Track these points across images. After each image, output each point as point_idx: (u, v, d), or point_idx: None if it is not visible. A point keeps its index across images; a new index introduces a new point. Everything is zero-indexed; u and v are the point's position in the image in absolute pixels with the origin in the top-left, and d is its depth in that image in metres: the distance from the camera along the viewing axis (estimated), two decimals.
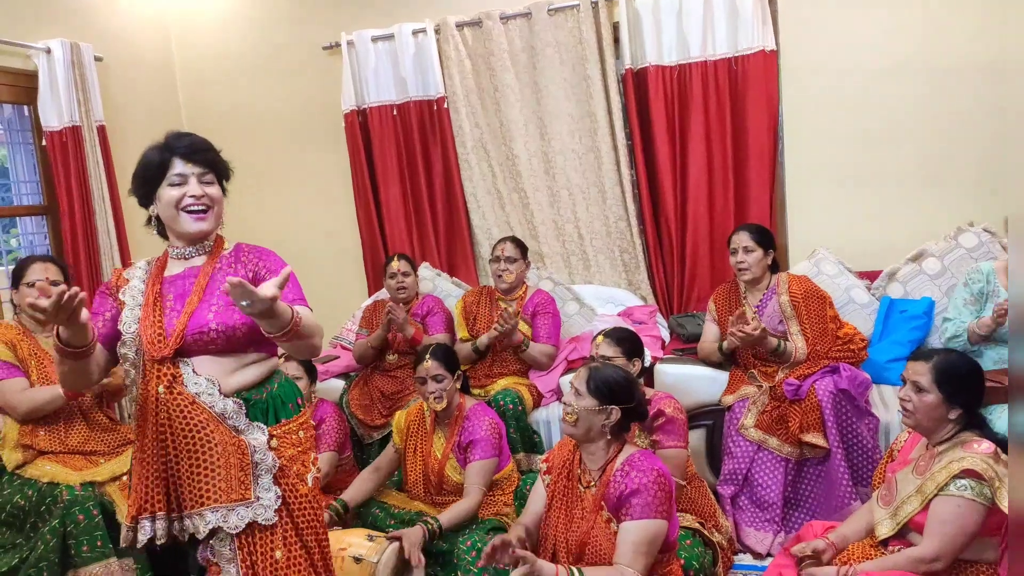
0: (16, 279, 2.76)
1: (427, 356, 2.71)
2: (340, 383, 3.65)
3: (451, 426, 2.75)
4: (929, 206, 3.53)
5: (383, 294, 3.84)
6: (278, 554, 1.69)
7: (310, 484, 1.78)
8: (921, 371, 2.13)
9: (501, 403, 3.15)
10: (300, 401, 1.86)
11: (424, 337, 3.44)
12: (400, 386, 3.46)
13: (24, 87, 3.85)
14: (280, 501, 1.70)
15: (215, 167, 1.80)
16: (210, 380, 1.71)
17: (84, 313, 1.55)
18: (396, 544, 2.45)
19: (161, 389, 1.68)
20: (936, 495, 2.03)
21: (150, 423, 1.68)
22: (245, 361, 1.77)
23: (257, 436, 1.71)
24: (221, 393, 1.71)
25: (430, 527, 2.50)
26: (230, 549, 1.67)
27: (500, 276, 3.49)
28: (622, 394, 2.14)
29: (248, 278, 1.74)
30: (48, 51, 3.80)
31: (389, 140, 4.28)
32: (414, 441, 2.83)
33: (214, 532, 1.69)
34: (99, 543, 2.50)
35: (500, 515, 2.71)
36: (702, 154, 3.83)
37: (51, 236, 4.05)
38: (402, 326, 3.35)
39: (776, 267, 3.18)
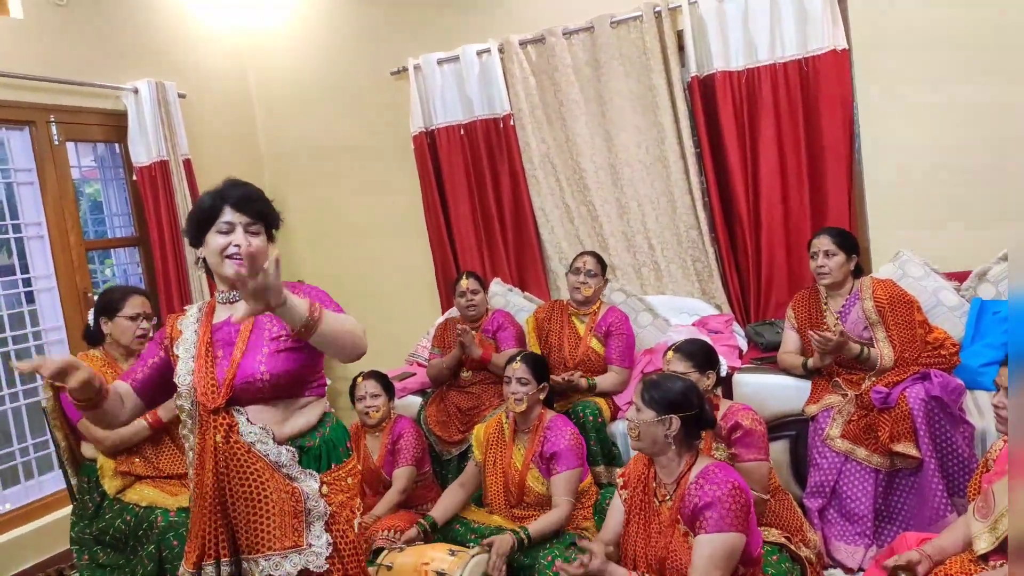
0: (111, 309, 2.82)
1: (518, 358, 2.79)
2: (417, 399, 3.71)
3: (531, 436, 2.77)
4: (1018, 201, 3.35)
5: (455, 312, 3.89)
6: None
7: (356, 531, 1.81)
8: None
9: (580, 415, 3.14)
10: (349, 445, 1.89)
11: (493, 354, 3.47)
12: (476, 401, 3.49)
13: (115, 126, 4.10)
14: (331, 548, 1.72)
15: (264, 218, 1.82)
16: (264, 429, 1.73)
17: (78, 376, 1.61)
18: (479, 558, 2.47)
19: (219, 439, 1.71)
20: None
21: (208, 471, 1.71)
22: (296, 406, 1.79)
23: (310, 484, 1.73)
24: (275, 441, 1.74)
25: (519, 536, 2.52)
26: None
27: (578, 288, 3.47)
28: (681, 403, 2.11)
29: None
30: (136, 91, 4.03)
31: (457, 159, 4.35)
32: (494, 453, 2.85)
33: None
34: None
35: (579, 529, 2.70)
36: (774, 158, 3.75)
37: (143, 266, 4.27)
38: (470, 349, 3.39)
39: (860, 272, 3.08)
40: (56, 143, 3.77)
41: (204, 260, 1.81)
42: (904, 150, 3.56)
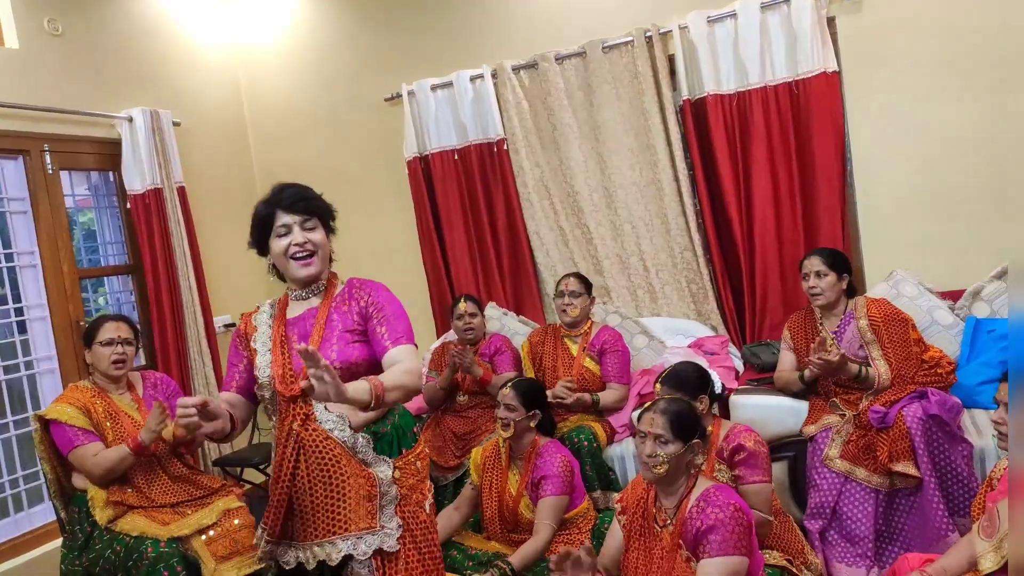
0: (89, 339, 2.84)
1: (508, 384, 2.81)
2: None
3: (525, 464, 2.75)
4: (1011, 220, 3.37)
5: (451, 336, 3.88)
6: None
7: (427, 511, 1.89)
8: None
9: (575, 440, 3.12)
10: (416, 430, 1.97)
11: (493, 376, 3.45)
12: (472, 426, 3.47)
13: (109, 154, 4.10)
14: (402, 529, 1.80)
15: (317, 212, 1.93)
16: (340, 416, 1.82)
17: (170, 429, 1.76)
18: None
19: (296, 425, 1.79)
20: None
21: (287, 458, 1.79)
22: None
23: (383, 469, 1.82)
24: (351, 428, 1.82)
25: (502, 571, 2.49)
26: (369, 571, 1.78)
27: (564, 311, 3.49)
28: (697, 426, 2.11)
29: (357, 311, 1.89)
30: (130, 120, 4.04)
31: (451, 184, 4.36)
32: (490, 477, 2.83)
33: (347, 560, 1.79)
34: None
35: None
36: (767, 180, 3.77)
37: (136, 294, 4.25)
38: (469, 368, 3.37)
39: (853, 291, 3.09)
40: (50, 172, 3.77)
41: (274, 266, 1.94)
42: (896, 170, 3.59)
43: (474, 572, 2.58)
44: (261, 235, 1.92)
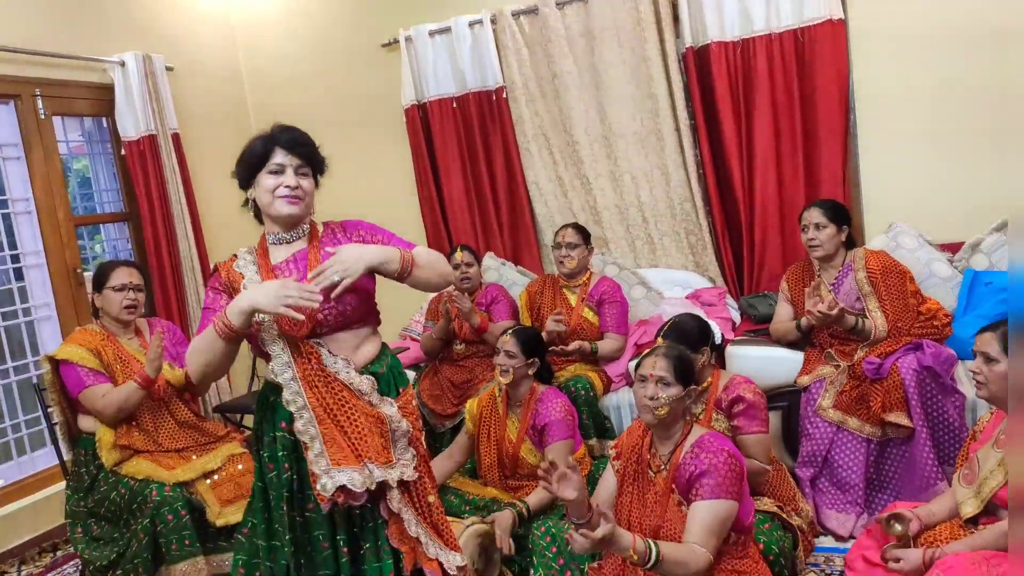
0: (99, 283, 2.84)
1: (509, 331, 2.82)
2: (410, 374, 3.69)
3: (524, 410, 2.78)
4: (1013, 173, 3.34)
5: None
6: (431, 499, 1.91)
7: (425, 448, 1.96)
8: (988, 341, 2.05)
9: (572, 390, 3.14)
10: (403, 371, 2.01)
11: (490, 325, 3.46)
12: (469, 375, 3.49)
13: (102, 100, 4.04)
14: (416, 459, 1.87)
15: (312, 162, 1.93)
16: (345, 360, 1.85)
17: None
18: (473, 528, 2.48)
19: (313, 362, 1.82)
20: None
21: (318, 393, 1.81)
22: (362, 336, 1.91)
23: (389, 409, 1.86)
24: (356, 371, 1.85)
25: (518, 510, 2.54)
26: (399, 500, 1.84)
27: (562, 262, 3.49)
28: (694, 373, 2.15)
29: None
30: (122, 64, 3.97)
31: (450, 133, 4.31)
32: (487, 427, 2.86)
33: (383, 490, 1.83)
34: (187, 542, 2.60)
35: None
36: (769, 130, 3.72)
37: (133, 241, 4.23)
38: (468, 315, 3.38)
39: (852, 243, 3.08)
40: (42, 117, 3.72)
41: (254, 202, 1.91)
42: (899, 121, 3.55)
43: (471, 515, 2.63)
44: (251, 169, 1.90)
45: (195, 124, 4.45)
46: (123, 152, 4.04)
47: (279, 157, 1.87)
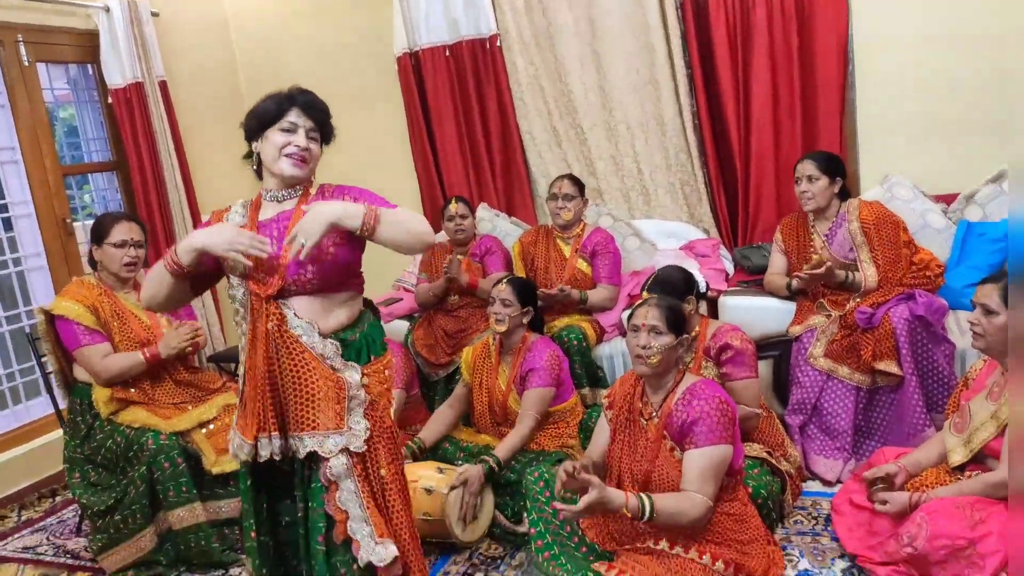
0: (98, 237, 2.78)
1: (504, 280, 2.82)
2: (404, 324, 3.72)
3: (514, 359, 2.80)
4: (1010, 124, 3.32)
5: (442, 237, 3.86)
6: (383, 472, 1.87)
7: (393, 418, 1.94)
8: (989, 292, 2.05)
9: (565, 339, 3.16)
10: (385, 341, 1.98)
11: (480, 280, 3.46)
12: (463, 325, 3.50)
13: (87, 46, 3.95)
14: (369, 432, 1.84)
15: (323, 128, 1.93)
16: (310, 323, 1.83)
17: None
18: (455, 492, 2.51)
19: (271, 326, 1.81)
20: None
21: (260, 355, 1.81)
22: (338, 301, 1.88)
23: (352, 375, 1.84)
24: (320, 335, 1.83)
25: (488, 465, 2.57)
26: (346, 467, 1.82)
27: (558, 214, 3.47)
28: (686, 323, 2.15)
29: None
30: (107, 9, 3.88)
31: (443, 82, 4.25)
32: (480, 375, 2.88)
33: (314, 455, 1.83)
34: (184, 489, 2.63)
35: (565, 447, 2.75)
36: (767, 80, 3.67)
37: (122, 191, 4.18)
38: (456, 276, 3.38)
39: (847, 195, 3.06)
40: (26, 64, 3.64)
41: (257, 155, 1.90)
42: (897, 73, 3.51)
43: (465, 462, 2.66)
44: (262, 124, 1.88)
45: (182, 71, 4.37)
46: (109, 100, 3.97)
47: (293, 116, 1.86)
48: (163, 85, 4.10)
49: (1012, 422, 1.31)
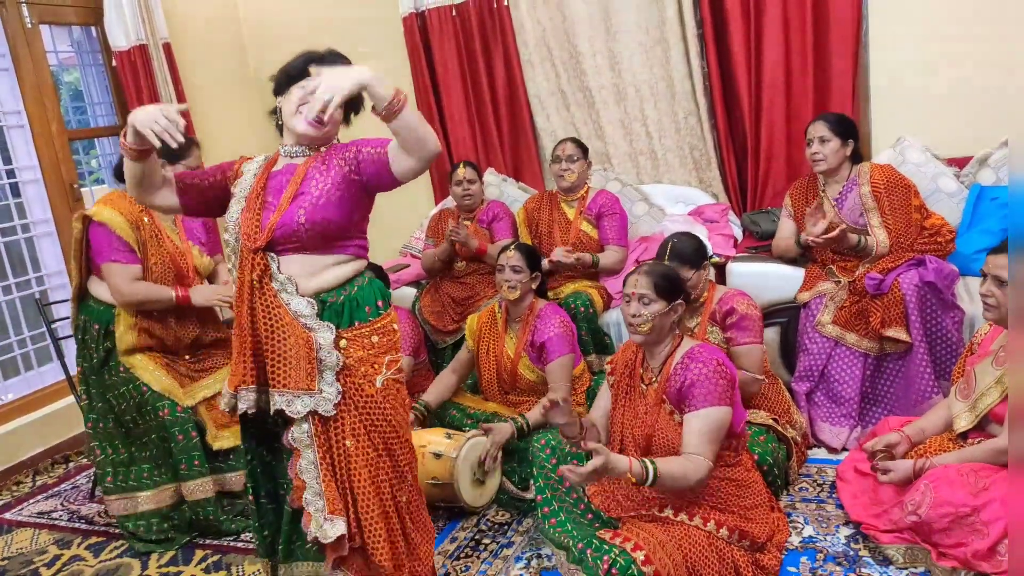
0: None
1: (512, 247, 2.80)
2: (412, 291, 3.72)
3: (523, 325, 2.80)
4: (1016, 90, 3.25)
5: (449, 202, 3.84)
6: (348, 443, 1.82)
7: (379, 386, 1.85)
8: (1002, 264, 2.03)
9: (572, 306, 3.16)
10: (380, 305, 1.91)
11: (488, 247, 3.45)
12: (470, 292, 3.50)
13: (90, 7, 3.91)
14: (340, 397, 1.80)
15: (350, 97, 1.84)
16: (289, 279, 1.81)
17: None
18: (474, 440, 2.55)
19: (254, 277, 1.80)
20: None
21: (244, 305, 1.81)
22: (328, 261, 1.85)
23: (324, 335, 1.80)
24: (298, 293, 1.81)
25: (519, 424, 2.61)
26: (308, 436, 1.81)
27: (562, 176, 3.44)
28: (681, 286, 2.18)
29: (336, 168, 1.84)
30: None
31: (449, 43, 4.18)
32: (487, 343, 2.89)
33: (289, 420, 1.82)
34: (196, 463, 2.67)
35: None
36: (779, 42, 3.59)
37: None
38: (466, 241, 3.37)
39: (859, 158, 3.02)
40: (29, 26, 3.60)
41: (279, 110, 1.90)
42: (910, 35, 3.42)
43: (472, 428, 2.69)
44: (289, 79, 1.88)
45: (186, 33, 4.31)
46: (114, 63, 3.93)
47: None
48: (167, 47, 4.05)
49: (1012, 390, 1.31)
